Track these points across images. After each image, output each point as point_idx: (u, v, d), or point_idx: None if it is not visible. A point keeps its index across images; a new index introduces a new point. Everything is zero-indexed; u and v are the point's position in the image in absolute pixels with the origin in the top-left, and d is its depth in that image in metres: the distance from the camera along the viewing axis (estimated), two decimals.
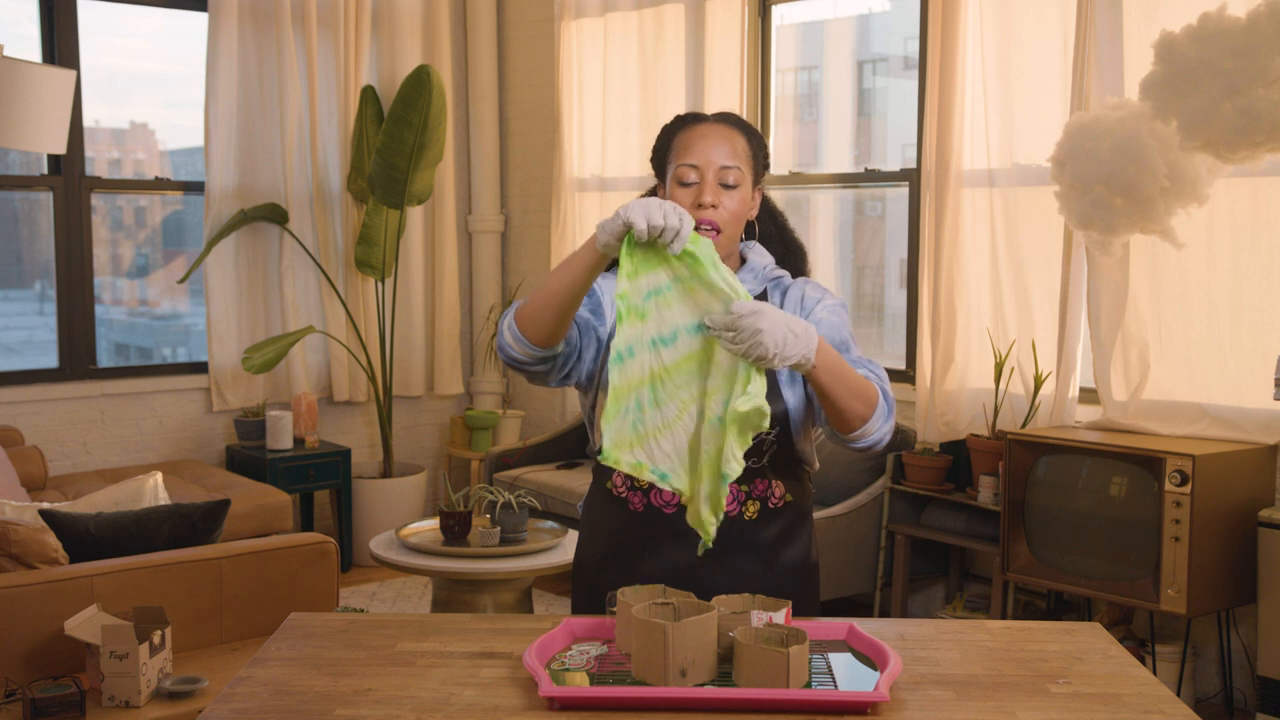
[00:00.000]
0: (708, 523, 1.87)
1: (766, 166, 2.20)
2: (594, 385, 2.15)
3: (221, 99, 5.80)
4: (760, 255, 2.23)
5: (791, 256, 2.31)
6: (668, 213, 1.83)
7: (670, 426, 1.89)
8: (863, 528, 4.73)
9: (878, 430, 2.03)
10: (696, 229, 1.99)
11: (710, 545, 1.90)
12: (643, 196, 2.00)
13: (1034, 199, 4.42)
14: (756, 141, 2.17)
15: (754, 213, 2.19)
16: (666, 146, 2.17)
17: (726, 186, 2.09)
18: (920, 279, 4.71)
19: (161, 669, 2.99)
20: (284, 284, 6.02)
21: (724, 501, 1.86)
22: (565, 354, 2.07)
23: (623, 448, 1.88)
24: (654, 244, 1.86)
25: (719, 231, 2.09)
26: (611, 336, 2.13)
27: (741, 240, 2.21)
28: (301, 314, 6.09)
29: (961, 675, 1.82)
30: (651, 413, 1.88)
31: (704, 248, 1.87)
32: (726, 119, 2.17)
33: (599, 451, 1.93)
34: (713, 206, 2.07)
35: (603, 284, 2.18)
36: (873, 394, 2.00)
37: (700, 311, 1.88)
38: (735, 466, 1.83)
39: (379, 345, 6.14)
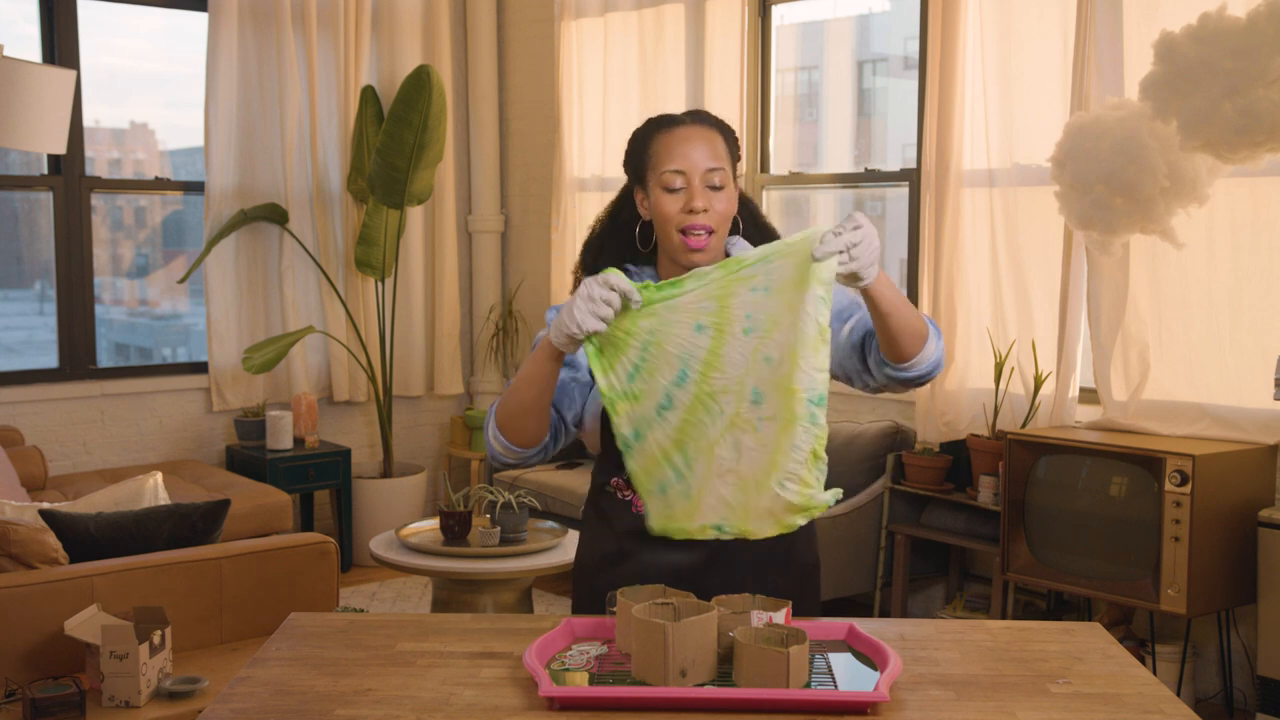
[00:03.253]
0: (789, 525, 1.88)
1: (739, 159, 2.20)
2: (588, 417, 2.17)
3: (221, 99, 5.80)
4: (744, 249, 2.21)
5: (768, 241, 2.29)
6: (598, 295, 1.85)
7: (708, 478, 1.88)
8: (863, 528, 4.73)
9: (936, 350, 2.02)
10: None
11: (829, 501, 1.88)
12: (579, 276, 2.04)
13: (1034, 199, 4.42)
14: (731, 138, 2.16)
15: (735, 207, 2.18)
16: (643, 153, 2.15)
17: (714, 188, 2.08)
18: (920, 279, 4.71)
19: (161, 669, 2.99)
20: (284, 284, 6.02)
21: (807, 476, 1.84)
22: (553, 432, 2.11)
23: (682, 518, 1.89)
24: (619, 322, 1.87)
25: (712, 233, 2.08)
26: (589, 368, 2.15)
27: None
28: (301, 314, 6.09)
29: (961, 675, 1.82)
30: (692, 475, 1.88)
31: (686, 283, 1.86)
32: (700, 119, 2.15)
33: (645, 520, 1.95)
34: (704, 210, 2.07)
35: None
36: (919, 313, 2.00)
37: (675, 347, 1.86)
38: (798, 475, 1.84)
39: (379, 345, 6.14)
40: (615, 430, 1.89)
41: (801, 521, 1.88)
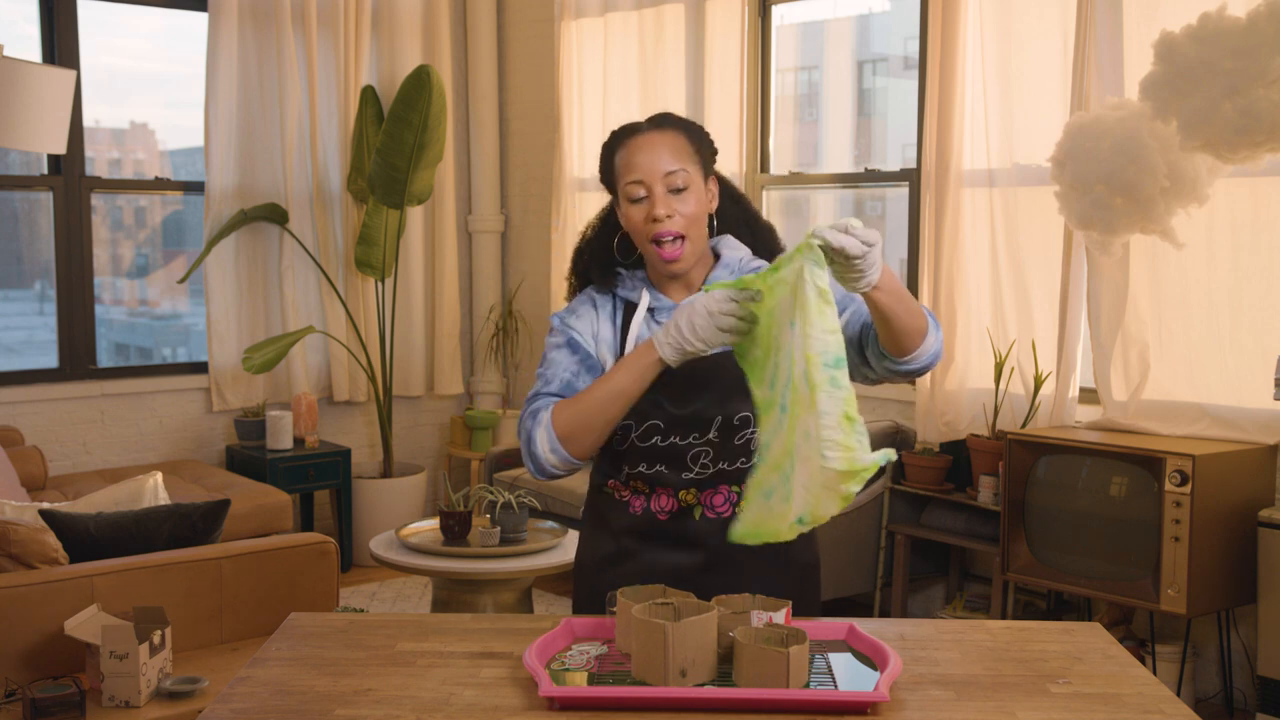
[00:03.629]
0: (847, 493, 1.74)
1: (714, 153, 2.16)
2: None
3: (221, 99, 5.80)
4: (734, 249, 2.20)
5: (763, 238, 2.26)
6: (719, 309, 1.86)
7: (798, 474, 1.78)
8: (863, 528, 4.73)
9: (936, 341, 2.02)
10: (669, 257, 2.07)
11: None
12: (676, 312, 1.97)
13: (1034, 199, 4.42)
14: (696, 133, 2.13)
15: (714, 204, 2.16)
16: (610, 166, 2.14)
17: (676, 191, 2.06)
18: (920, 279, 4.71)
19: (161, 669, 2.99)
20: (284, 284, 6.02)
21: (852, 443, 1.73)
22: None
23: (779, 519, 1.80)
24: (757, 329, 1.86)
25: (682, 237, 2.07)
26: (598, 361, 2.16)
27: (711, 236, 2.18)
28: (301, 314, 6.09)
29: (961, 675, 1.82)
30: (794, 475, 1.79)
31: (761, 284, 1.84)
32: (660, 122, 2.13)
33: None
34: (668, 217, 2.05)
35: (579, 328, 2.17)
36: (918, 305, 1.99)
37: (784, 348, 1.83)
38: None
39: (379, 345, 6.14)
40: (760, 439, 1.86)
41: (856, 488, 1.72)
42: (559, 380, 2.11)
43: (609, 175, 2.15)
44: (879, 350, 2.03)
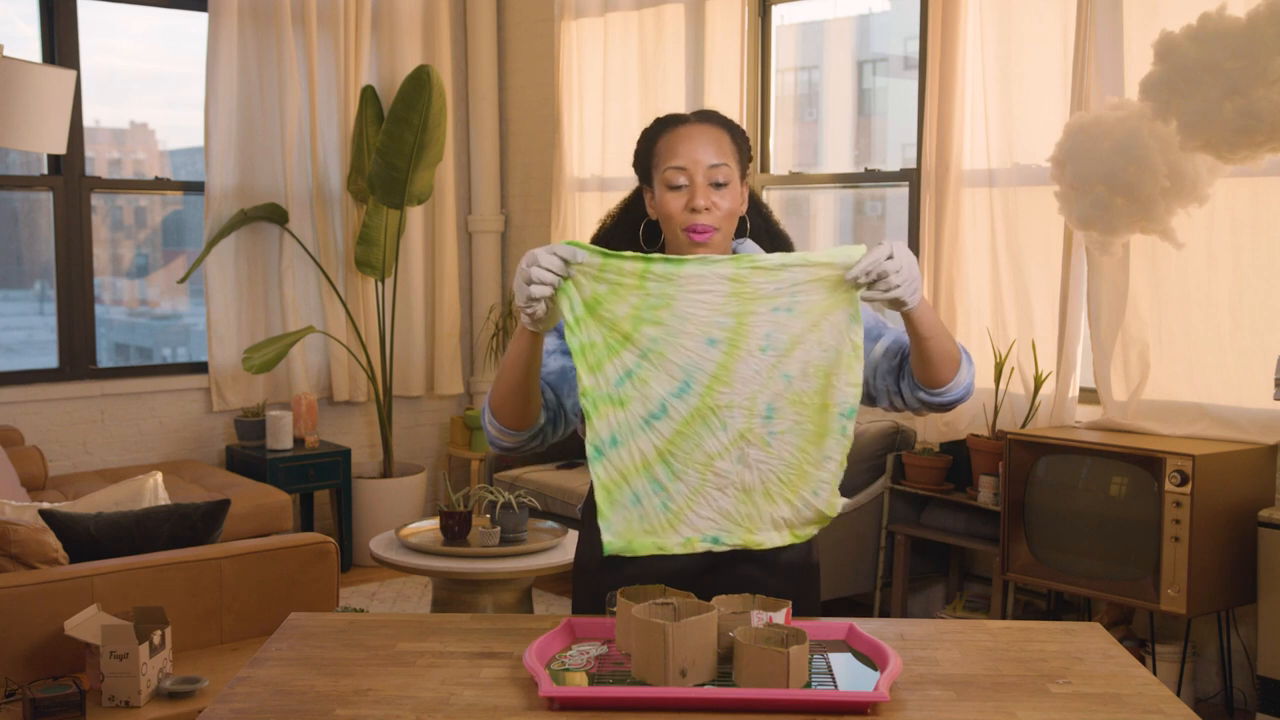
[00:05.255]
0: (805, 534, 1.92)
1: (750, 159, 2.19)
2: None
3: (221, 99, 5.80)
4: (754, 252, 2.22)
5: (780, 248, 2.27)
6: (542, 262, 1.82)
7: (701, 490, 1.87)
8: (863, 528, 4.73)
9: (968, 376, 2.04)
10: (662, 245, 2.09)
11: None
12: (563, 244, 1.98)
13: (1034, 199, 4.42)
14: (740, 136, 2.16)
15: (744, 207, 2.17)
16: (649, 151, 2.15)
17: (717, 185, 2.08)
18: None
19: (161, 669, 2.99)
20: (284, 284, 6.02)
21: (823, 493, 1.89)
22: (550, 417, 2.08)
23: (660, 533, 1.87)
24: (586, 290, 1.83)
25: (716, 230, 2.08)
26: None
27: (734, 238, 2.20)
28: (301, 314, 6.09)
29: (961, 675, 1.82)
30: (676, 487, 1.86)
31: (692, 265, 1.84)
32: (708, 117, 2.15)
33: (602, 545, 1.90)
34: (706, 209, 2.06)
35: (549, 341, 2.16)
36: (953, 340, 2.02)
37: (681, 358, 1.84)
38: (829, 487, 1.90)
39: (379, 345, 6.14)
40: (590, 433, 1.86)
41: (814, 531, 1.93)
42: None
43: (645, 161, 2.16)
44: (913, 381, 2.05)
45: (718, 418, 1.86)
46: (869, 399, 2.12)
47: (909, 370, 2.06)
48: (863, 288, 1.84)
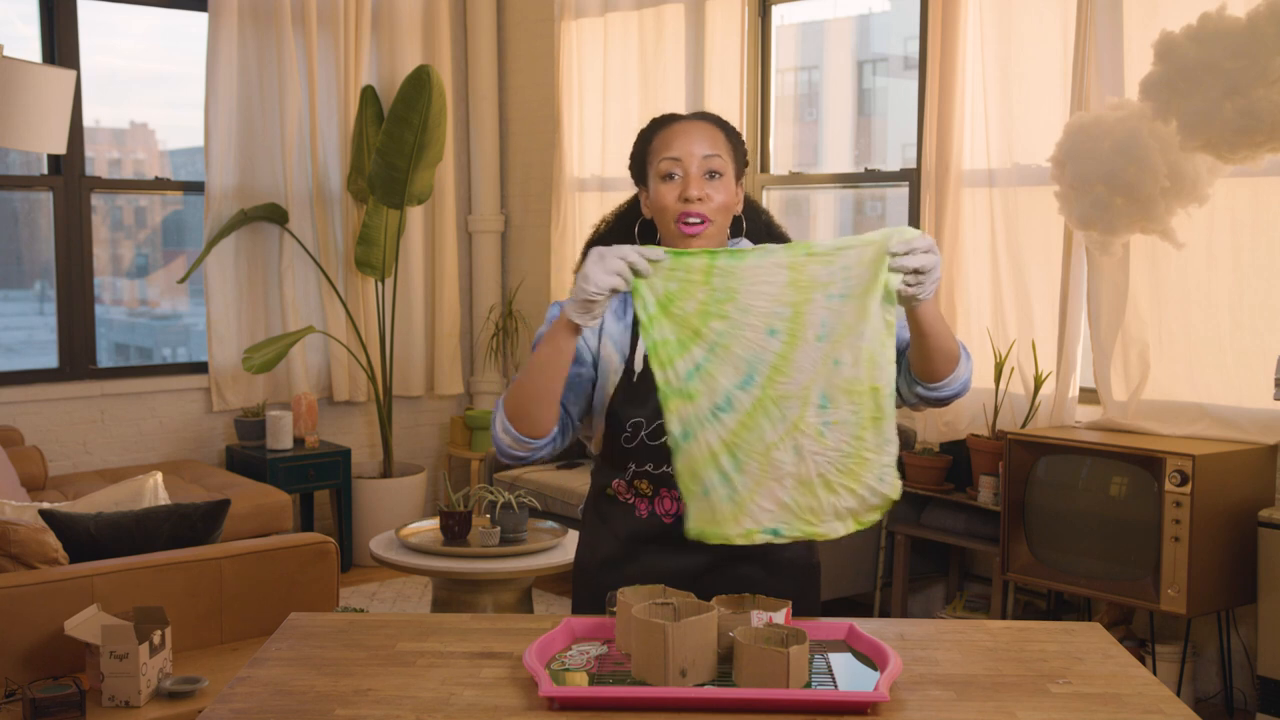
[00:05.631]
0: (868, 521, 1.89)
1: (745, 163, 2.19)
2: (594, 414, 2.15)
3: (221, 99, 5.80)
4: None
5: None
6: (612, 253, 1.83)
7: (762, 482, 1.86)
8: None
9: (966, 371, 2.04)
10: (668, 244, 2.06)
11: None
12: (590, 247, 2.00)
13: (1034, 199, 4.42)
14: (735, 136, 2.16)
15: (739, 208, 2.17)
16: (645, 149, 2.15)
17: (711, 176, 2.07)
18: None
19: (161, 669, 2.99)
20: (284, 284, 6.02)
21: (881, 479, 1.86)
22: (561, 426, 2.08)
23: (725, 523, 1.86)
24: (657, 288, 1.85)
25: (710, 222, 2.07)
26: (596, 357, 2.13)
27: (730, 236, 2.19)
28: (301, 314, 6.09)
29: (961, 675, 1.82)
30: (740, 479, 1.86)
31: (752, 257, 1.85)
32: (703, 116, 2.16)
33: (684, 528, 1.91)
34: (700, 199, 2.05)
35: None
36: (953, 335, 2.02)
37: (744, 350, 1.85)
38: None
39: (379, 345, 6.14)
40: (666, 427, 1.87)
41: (878, 517, 1.90)
42: None
43: (640, 160, 2.16)
44: (911, 376, 2.06)
45: (778, 408, 1.85)
46: None
47: (907, 366, 2.06)
48: (898, 258, 1.80)
